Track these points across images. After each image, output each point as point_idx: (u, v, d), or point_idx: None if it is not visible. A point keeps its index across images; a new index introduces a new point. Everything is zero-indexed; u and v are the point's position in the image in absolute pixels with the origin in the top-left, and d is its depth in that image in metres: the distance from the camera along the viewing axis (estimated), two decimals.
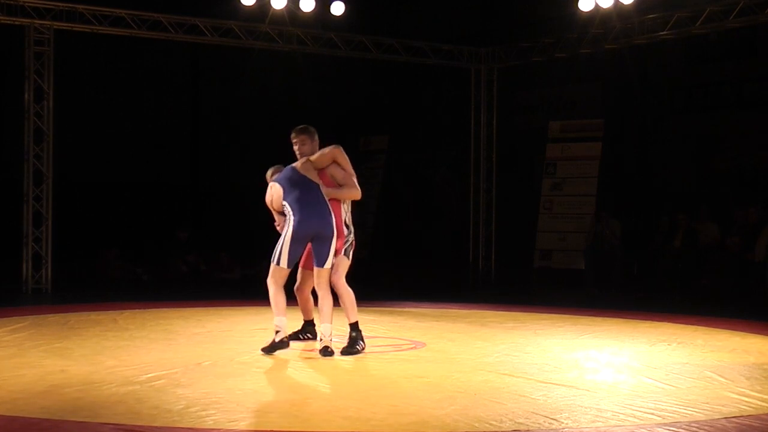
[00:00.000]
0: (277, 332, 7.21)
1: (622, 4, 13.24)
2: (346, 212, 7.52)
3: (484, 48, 16.29)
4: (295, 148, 7.63)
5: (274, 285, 7.26)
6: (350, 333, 7.41)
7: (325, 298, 7.21)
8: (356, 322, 7.42)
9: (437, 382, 6.13)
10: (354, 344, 7.34)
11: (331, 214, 7.21)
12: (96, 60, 18.05)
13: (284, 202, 7.26)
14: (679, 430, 4.82)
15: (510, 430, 4.79)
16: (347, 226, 7.49)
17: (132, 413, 5.02)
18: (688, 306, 11.69)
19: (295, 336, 7.84)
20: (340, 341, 7.40)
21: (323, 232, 7.16)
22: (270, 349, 7.21)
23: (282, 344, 7.23)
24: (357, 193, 7.45)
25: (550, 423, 4.95)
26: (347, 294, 7.40)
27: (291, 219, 7.19)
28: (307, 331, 7.97)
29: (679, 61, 17.00)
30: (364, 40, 15.33)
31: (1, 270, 14.15)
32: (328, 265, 7.21)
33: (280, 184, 7.34)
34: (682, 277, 13.68)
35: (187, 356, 7.04)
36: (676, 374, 6.48)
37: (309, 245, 7.31)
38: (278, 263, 7.21)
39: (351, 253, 7.51)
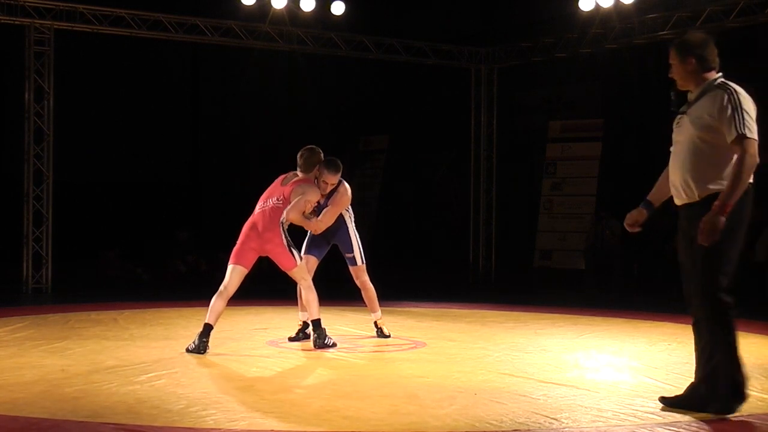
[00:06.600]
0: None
1: (622, 4, 13.24)
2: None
3: (484, 48, 16.29)
4: (325, 187, 7.50)
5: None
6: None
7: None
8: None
9: (437, 382, 6.13)
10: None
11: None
12: (96, 60, 18.06)
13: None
14: (679, 430, 4.82)
15: (510, 430, 4.79)
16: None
17: (132, 413, 5.01)
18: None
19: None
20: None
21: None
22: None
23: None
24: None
25: (550, 423, 4.95)
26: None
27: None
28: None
29: None
30: (364, 40, 15.33)
31: (1, 270, 14.16)
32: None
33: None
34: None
35: (187, 356, 7.04)
36: (677, 374, 6.47)
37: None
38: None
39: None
